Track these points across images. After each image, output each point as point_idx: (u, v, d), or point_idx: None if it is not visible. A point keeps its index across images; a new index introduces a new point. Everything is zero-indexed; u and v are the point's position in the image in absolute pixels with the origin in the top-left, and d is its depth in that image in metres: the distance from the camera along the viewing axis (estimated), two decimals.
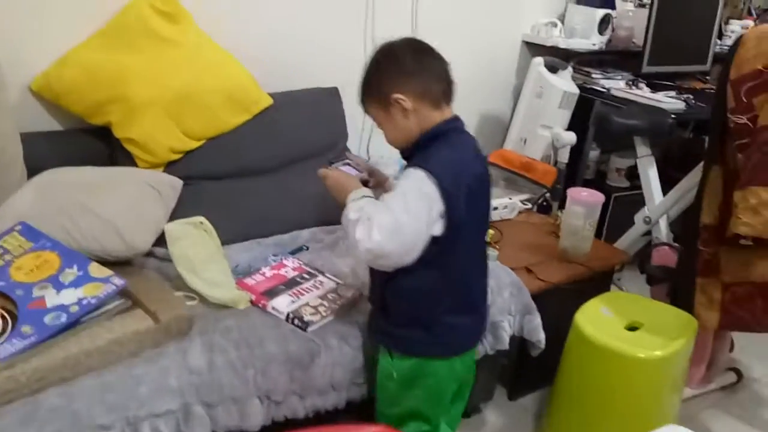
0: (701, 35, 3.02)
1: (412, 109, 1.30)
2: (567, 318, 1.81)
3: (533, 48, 2.91)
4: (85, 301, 1.34)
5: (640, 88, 2.74)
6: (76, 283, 1.37)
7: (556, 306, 1.88)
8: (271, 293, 1.57)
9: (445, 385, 1.42)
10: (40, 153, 1.75)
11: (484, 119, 2.94)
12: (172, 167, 1.87)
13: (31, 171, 1.69)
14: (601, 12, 2.79)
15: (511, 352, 1.87)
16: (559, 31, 2.82)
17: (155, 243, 1.66)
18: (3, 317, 1.28)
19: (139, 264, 1.63)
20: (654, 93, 2.69)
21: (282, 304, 1.53)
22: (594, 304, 1.86)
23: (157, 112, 1.81)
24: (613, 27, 2.88)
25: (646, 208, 2.35)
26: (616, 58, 2.98)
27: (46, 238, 1.47)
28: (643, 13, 2.85)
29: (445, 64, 1.35)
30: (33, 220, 1.50)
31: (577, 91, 2.68)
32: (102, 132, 1.86)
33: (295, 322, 1.50)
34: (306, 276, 1.67)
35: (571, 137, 2.57)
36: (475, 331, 1.48)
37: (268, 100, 2.05)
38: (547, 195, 2.47)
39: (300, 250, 1.86)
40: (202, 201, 1.83)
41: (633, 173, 2.76)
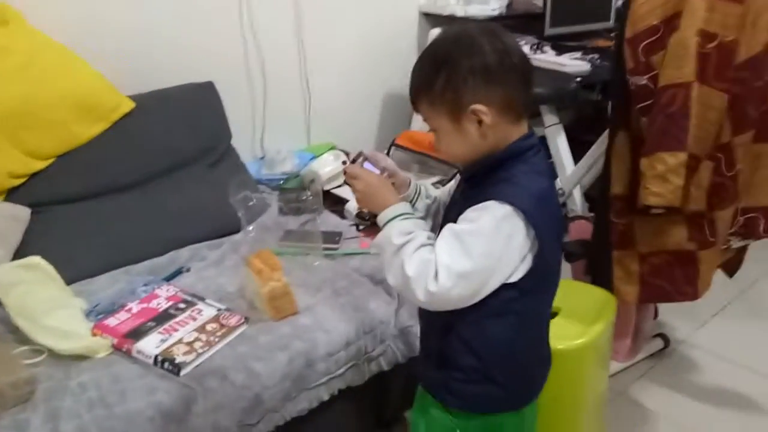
0: None
1: (491, 124, 1.06)
2: None
3: (431, 19, 2.78)
4: None
5: (544, 52, 2.64)
6: None
7: None
8: (137, 333, 1.36)
9: None
10: None
11: (389, 99, 2.80)
12: (13, 195, 1.65)
13: None
14: None
15: None
16: None
17: None
18: None
19: None
20: (559, 56, 2.59)
21: (149, 346, 1.33)
22: None
23: None
24: None
25: (558, 179, 2.27)
26: (518, 22, 2.87)
27: None
28: None
29: (530, 65, 1.10)
30: None
31: None
32: None
33: (165, 365, 1.29)
34: (182, 306, 1.47)
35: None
36: (547, 372, 1.28)
37: (130, 104, 1.84)
38: (458, 174, 2.35)
39: (179, 273, 1.65)
40: (55, 230, 1.62)
41: (543, 144, 2.67)
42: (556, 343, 1.54)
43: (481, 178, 1.09)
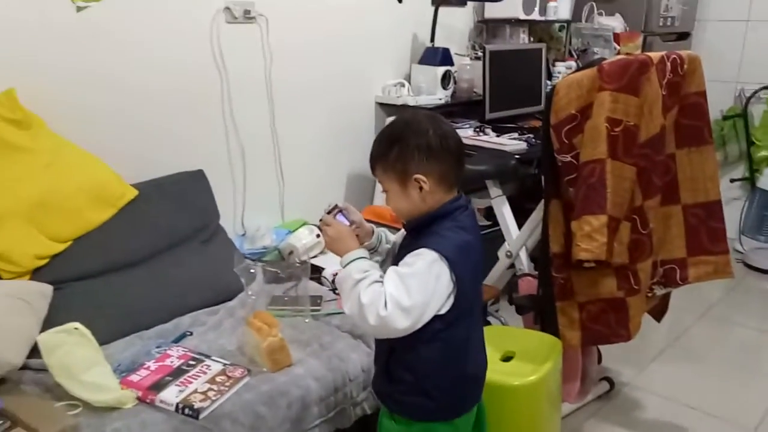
0: (532, 79, 3.38)
1: (429, 191, 1.34)
2: None
3: (386, 108, 3.11)
4: None
5: (486, 134, 3.00)
6: None
7: None
8: (158, 386, 1.57)
9: None
10: None
11: (352, 178, 3.08)
12: (38, 273, 1.84)
13: None
14: (442, 69, 3.05)
15: None
16: (407, 90, 3.04)
17: (29, 354, 1.62)
18: None
19: (14, 379, 1.58)
20: (499, 137, 2.95)
21: (170, 396, 1.54)
22: None
23: (16, 223, 1.78)
24: (455, 80, 3.15)
25: (506, 243, 2.56)
26: (461, 108, 3.25)
27: None
28: (479, 65, 3.14)
29: (462, 147, 1.39)
30: None
31: None
32: None
33: (186, 411, 1.51)
34: (192, 362, 1.69)
35: None
36: (478, 392, 1.49)
37: (133, 192, 2.07)
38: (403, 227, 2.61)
39: (183, 336, 1.87)
40: (75, 303, 1.81)
41: (492, 212, 2.97)
42: (513, 380, 1.84)
43: (419, 231, 1.38)
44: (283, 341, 1.72)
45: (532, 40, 3.63)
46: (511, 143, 2.83)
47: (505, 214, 2.56)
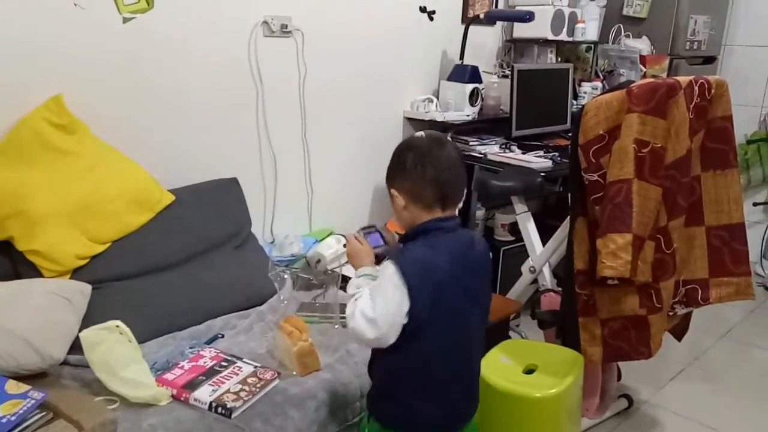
0: (559, 98, 3.42)
1: (403, 206, 1.44)
2: None
3: (414, 123, 3.16)
4: (5, 420, 1.36)
5: (512, 151, 3.04)
6: None
7: None
8: (192, 385, 1.63)
9: None
10: None
11: (378, 190, 3.13)
12: (78, 273, 1.90)
13: None
14: (470, 86, 3.10)
15: None
16: (435, 105, 3.09)
17: (68, 351, 1.68)
18: None
19: (54, 374, 1.65)
20: (524, 154, 2.99)
21: (204, 395, 1.60)
22: (494, 354, 2.03)
23: (61, 223, 1.86)
24: (482, 98, 3.20)
25: (530, 259, 2.59)
26: (488, 125, 3.29)
27: None
28: (506, 83, 3.20)
29: (446, 172, 1.41)
30: None
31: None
32: (2, 246, 1.88)
33: (219, 410, 1.56)
34: (224, 364, 1.75)
35: None
36: (446, 421, 1.49)
37: (170, 197, 2.14)
38: None
39: (215, 338, 1.93)
40: (112, 303, 1.88)
41: (516, 228, 3.02)
42: (535, 392, 1.88)
43: (404, 245, 1.47)
44: (313, 346, 1.77)
45: (559, 60, 3.67)
46: (537, 161, 2.87)
47: (529, 229, 2.60)
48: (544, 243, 2.57)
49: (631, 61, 3.55)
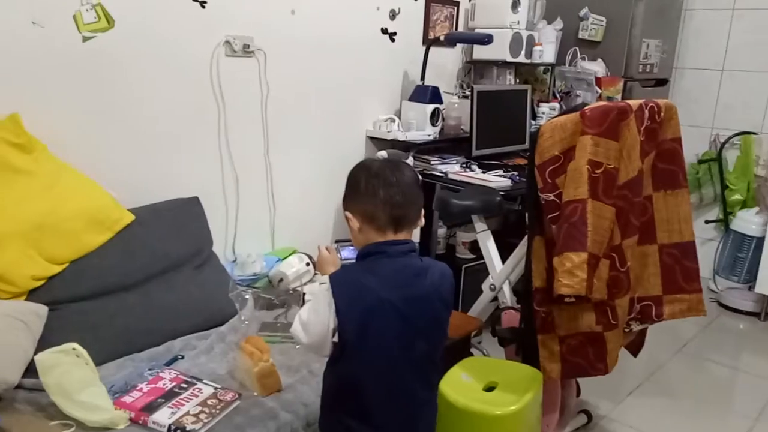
0: (518, 118, 3.50)
1: (357, 227, 1.45)
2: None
3: (377, 142, 3.20)
4: None
5: (472, 170, 3.10)
6: None
7: None
8: (150, 408, 1.61)
9: None
10: None
11: (341, 208, 3.13)
12: (34, 294, 1.87)
13: None
14: (431, 106, 3.15)
15: None
16: (398, 125, 3.13)
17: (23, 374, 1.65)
18: None
19: (8, 398, 1.61)
20: (485, 173, 3.05)
21: (162, 417, 1.58)
22: (455, 372, 2.05)
23: (16, 244, 1.82)
24: (443, 118, 3.25)
25: (490, 276, 2.63)
26: (449, 144, 3.35)
27: None
28: (467, 103, 3.26)
29: (398, 194, 1.42)
30: None
31: (419, 177, 2.97)
32: None
33: None
34: (184, 385, 1.73)
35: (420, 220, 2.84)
36: None
37: (130, 216, 2.12)
38: None
39: (175, 359, 1.91)
40: (69, 324, 1.85)
41: (477, 246, 3.06)
42: (494, 410, 1.91)
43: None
44: (274, 366, 1.77)
45: (517, 81, 3.76)
46: (497, 180, 2.92)
47: (489, 248, 2.64)
48: (505, 260, 2.61)
49: (587, 83, 3.66)
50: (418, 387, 1.49)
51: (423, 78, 3.22)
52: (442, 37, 3.23)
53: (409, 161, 3.01)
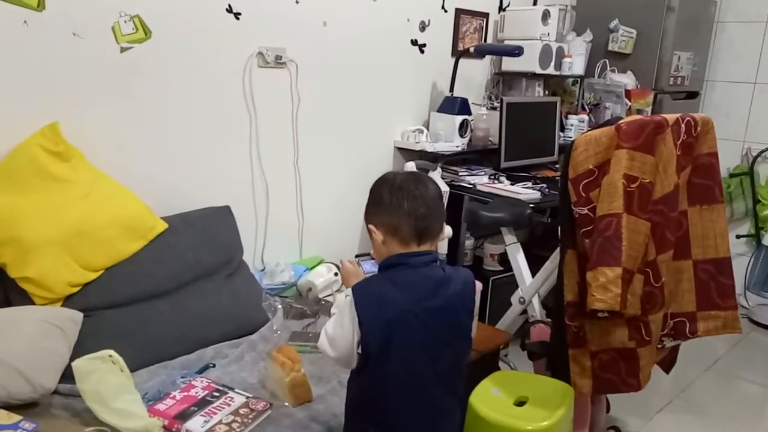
0: (546, 130, 3.48)
1: (381, 240, 1.45)
2: (463, 400, 1.97)
3: (405, 153, 3.19)
4: None
5: (501, 182, 3.09)
6: None
7: None
8: (184, 416, 1.62)
9: None
10: None
11: None
12: (70, 300, 1.89)
13: None
14: (460, 117, 3.14)
15: None
16: (426, 136, 3.13)
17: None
18: None
19: (45, 403, 1.63)
20: (513, 185, 3.03)
21: (196, 426, 1.59)
22: (485, 386, 2.03)
23: (53, 250, 1.85)
24: (472, 129, 3.25)
25: (519, 289, 2.61)
26: (477, 156, 3.35)
27: None
28: (495, 115, 3.25)
29: (422, 206, 1.43)
30: None
31: (447, 188, 2.97)
32: None
33: None
34: (216, 394, 1.74)
35: (448, 231, 2.83)
36: None
37: (164, 225, 2.14)
38: None
39: (207, 368, 1.92)
40: (103, 331, 1.87)
41: (505, 258, 3.05)
42: (526, 425, 1.88)
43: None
44: (305, 377, 1.77)
45: (546, 93, 3.75)
46: (526, 192, 2.91)
47: (519, 260, 2.62)
48: (532, 273, 2.59)
49: (616, 95, 3.64)
50: (442, 396, 1.50)
51: (452, 89, 3.22)
52: (471, 49, 3.23)
53: (437, 172, 3.00)
